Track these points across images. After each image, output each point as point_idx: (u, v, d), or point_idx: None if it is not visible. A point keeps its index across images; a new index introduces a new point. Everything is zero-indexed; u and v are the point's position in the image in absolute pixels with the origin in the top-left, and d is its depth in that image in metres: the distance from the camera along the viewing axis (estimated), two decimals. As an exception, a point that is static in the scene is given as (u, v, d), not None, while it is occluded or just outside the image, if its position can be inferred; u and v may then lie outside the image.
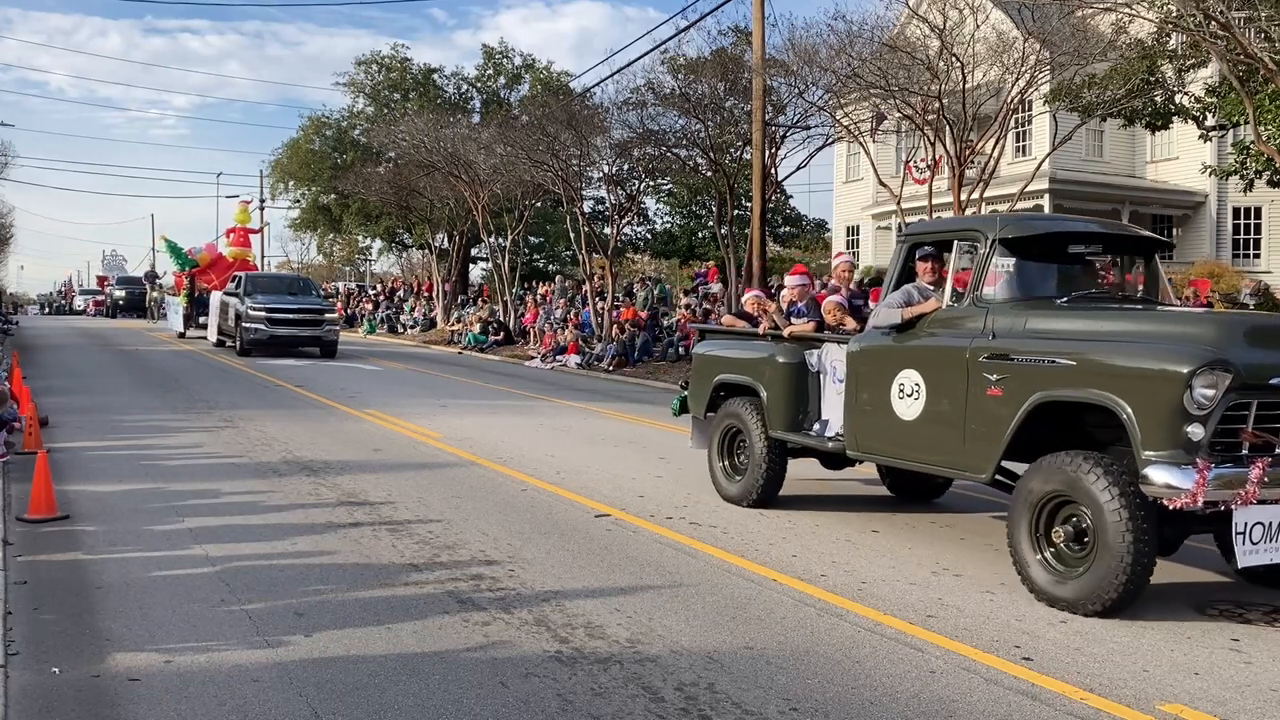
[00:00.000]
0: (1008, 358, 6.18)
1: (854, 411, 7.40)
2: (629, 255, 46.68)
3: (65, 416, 12.62)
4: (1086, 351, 5.82)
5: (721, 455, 8.86)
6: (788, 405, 8.10)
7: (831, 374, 7.86)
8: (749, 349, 8.69)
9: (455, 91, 46.32)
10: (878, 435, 7.20)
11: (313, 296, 26.79)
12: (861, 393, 7.32)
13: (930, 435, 6.73)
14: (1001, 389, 6.18)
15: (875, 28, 18.28)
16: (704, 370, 9.19)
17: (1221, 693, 4.69)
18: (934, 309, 6.94)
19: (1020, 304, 6.58)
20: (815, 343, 8.14)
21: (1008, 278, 6.71)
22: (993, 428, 6.23)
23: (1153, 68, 16.77)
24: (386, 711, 4.28)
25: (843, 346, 7.66)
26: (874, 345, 7.29)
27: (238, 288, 25.55)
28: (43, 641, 5.00)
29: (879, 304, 7.51)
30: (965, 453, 6.46)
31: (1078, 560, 5.80)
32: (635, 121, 24.24)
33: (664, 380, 21.49)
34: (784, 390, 8.14)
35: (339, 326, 26.71)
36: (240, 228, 34.76)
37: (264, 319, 23.67)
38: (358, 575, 6.22)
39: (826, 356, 7.97)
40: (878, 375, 7.14)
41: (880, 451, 7.35)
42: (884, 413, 7.05)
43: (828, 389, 7.93)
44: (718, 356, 9.06)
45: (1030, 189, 22.19)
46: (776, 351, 8.31)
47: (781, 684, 4.66)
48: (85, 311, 58.30)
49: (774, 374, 8.23)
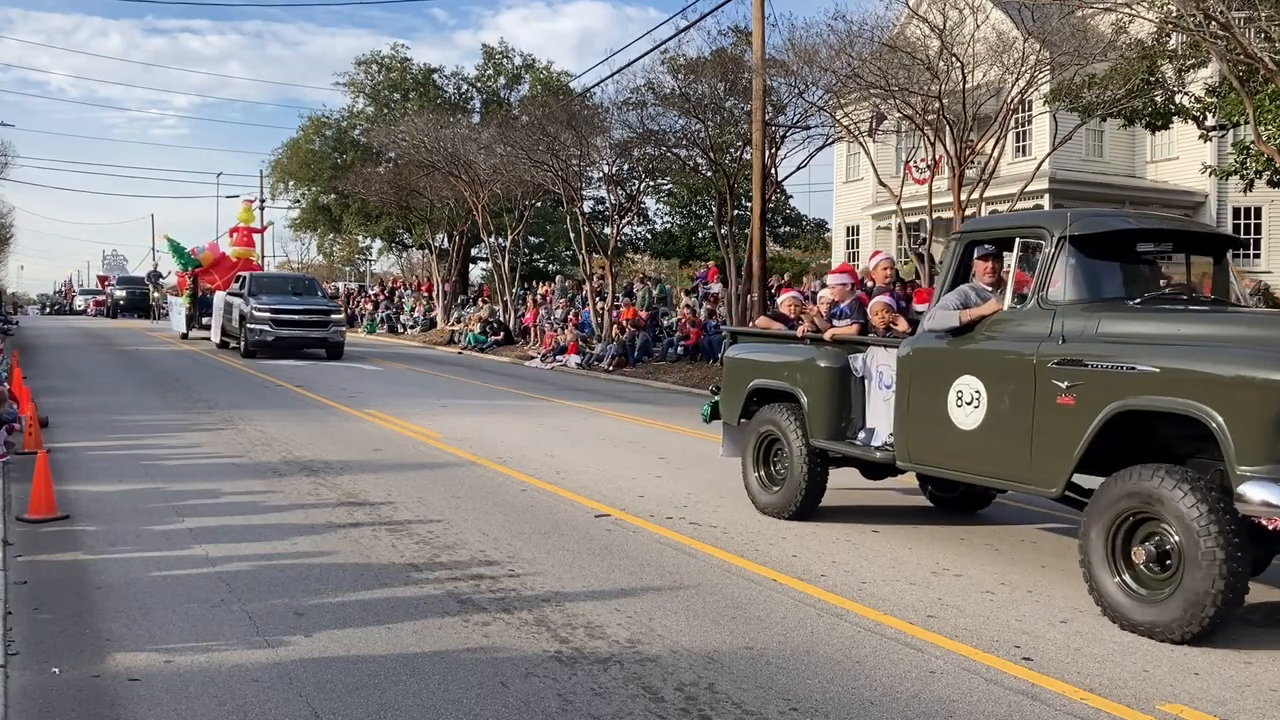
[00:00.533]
0: (1080, 364, 5.79)
1: (905, 420, 6.97)
2: (629, 255, 46.68)
3: (65, 416, 12.62)
4: (1171, 357, 5.41)
5: (757, 464, 8.41)
6: (830, 412, 7.67)
7: (877, 379, 7.47)
8: (787, 352, 8.26)
9: (455, 91, 46.32)
10: (932, 445, 6.78)
11: (318, 297, 26.39)
12: (914, 400, 6.89)
13: (992, 446, 6.33)
14: (1073, 397, 5.79)
15: (875, 28, 18.28)
16: (737, 375, 8.73)
17: (1221, 693, 4.69)
18: (994, 311, 6.52)
19: (1091, 306, 6.13)
20: (859, 346, 7.71)
21: (1075, 278, 6.26)
22: (1063, 439, 5.84)
23: (1153, 68, 16.76)
24: (386, 711, 4.28)
25: (891, 350, 7.27)
26: (928, 349, 6.86)
27: (242, 288, 25.15)
28: (43, 641, 5.00)
29: (932, 306, 7.05)
30: (1032, 466, 6.05)
31: (1160, 583, 5.40)
32: (635, 121, 24.24)
33: (664, 380, 21.49)
34: (826, 396, 7.69)
35: (345, 328, 26.25)
36: (244, 227, 34.25)
37: (269, 320, 23.28)
38: (358, 575, 6.22)
39: (872, 361, 7.56)
40: (933, 382, 6.73)
41: (935, 463, 6.88)
42: (940, 422, 6.63)
43: (873, 395, 7.53)
44: (753, 360, 8.61)
45: (1030, 189, 22.18)
46: (818, 355, 7.87)
47: (781, 684, 4.66)
48: (86, 311, 58.15)
49: (815, 379, 7.79)
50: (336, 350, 24.10)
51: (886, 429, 7.28)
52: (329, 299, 30.07)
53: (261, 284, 25.49)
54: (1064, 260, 6.27)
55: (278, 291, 25.03)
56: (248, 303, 23.86)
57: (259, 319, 23.31)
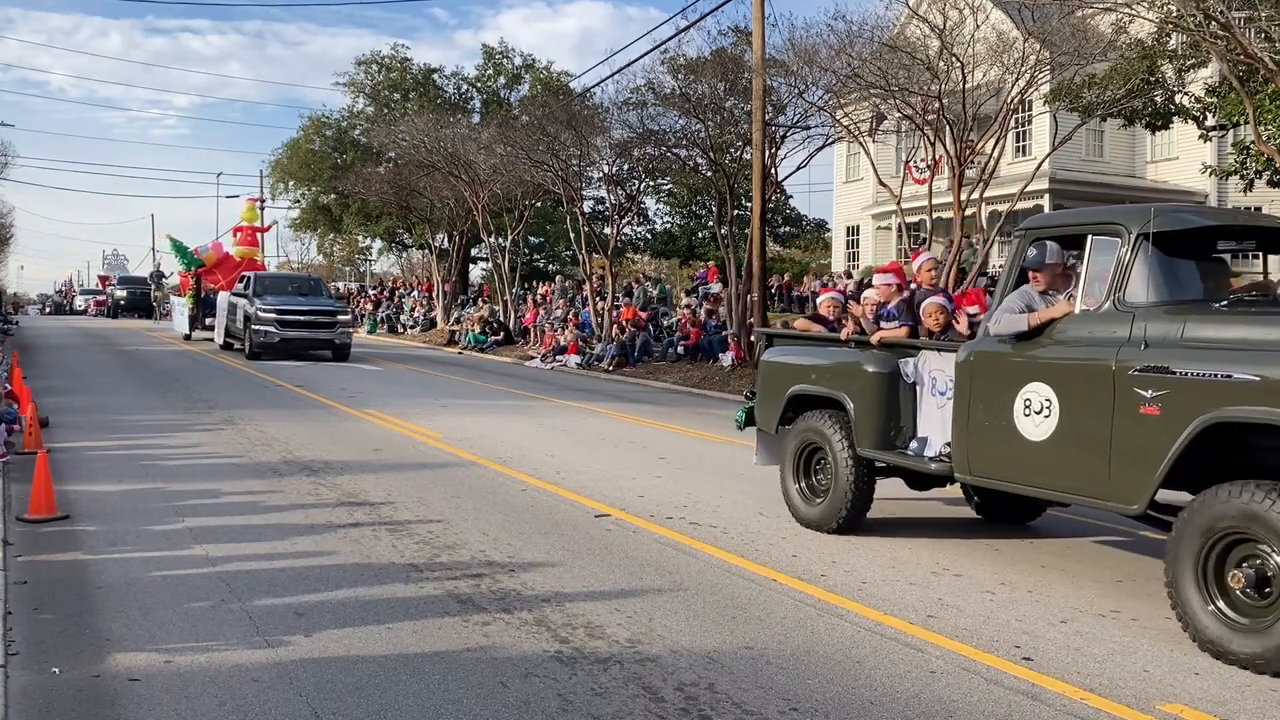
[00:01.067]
0: (1167, 371, 5.36)
1: (965, 429, 6.52)
2: (629, 255, 46.70)
3: (65, 416, 12.62)
4: (1272, 365, 5.00)
5: (798, 475, 7.96)
6: (879, 420, 7.22)
7: (930, 385, 7.05)
8: (830, 356, 7.83)
9: (455, 91, 46.36)
10: (997, 457, 6.33)
11: (324, 297, 26.00)
12: (976, 408, 6.44)
13: (1064, 459, 5.90)
14: (1159, 407, 5.38)
15: (875, 28, 18.26)
16: (775, 380, 8.26)
17: (1221, 693, 4.69)
18: (1065, 314, 6.10)
19: (1174, 308, 5.70)
20: (910, 350, 7.29)
21: (1155, 278, 5.84)
22: (1146, 452, 5.42)
23: (1153, 68, 16.76)
24: (386, 711, 4.28)
25: (946, 355, 6.88)
26: (992, 355, 6.42)
27: (246, 288, 24.67)
28: (43, 641, 5.00)
29: (995, 308, 6.58)
30: (1110, 480, 5.63)
31: (1261, 611, 5.00)
32: (635, 121, 24.23)
33: (664, 380, 21.50)
34: (875, 403, 7.24)
35: (352, 329, 25.67)
36: (248, 226, 33.83)
37: (274, 321, 22.82)
38: (358, 575, 6.22)
39: (925, 365, 7.12)
40: (997, 389, 6.30)
41: (999, 475, 6.40)
42: (1005, 432, 6.21)
43: (926, 402, 7.09)
44: (792, 365, 8.17)
45: (1030, 189, 22.19)
46: (865, 359, 7.44)
47: (781, 684, 4.66)
48: (86, 311, 57.98)
49: (862, 385, 7.34)
50: (343, 352, 23.72)
51: (941, 438, 6.89)
52: (335, 299, 29.71)
53: (266, 284, 25.04)
54: (1143, 259, 5.84)
55: (283, 292, 24.60)
56: (252, 303, 23.40)
57: (264, 320, 22.87)
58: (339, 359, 23.44)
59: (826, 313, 8.65)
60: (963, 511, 8.53)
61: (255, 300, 23.43)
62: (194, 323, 30.23)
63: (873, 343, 7.54)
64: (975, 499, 8.32)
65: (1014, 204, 19.79)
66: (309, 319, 23.34)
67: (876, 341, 7.51)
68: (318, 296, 25.45)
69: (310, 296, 24.95)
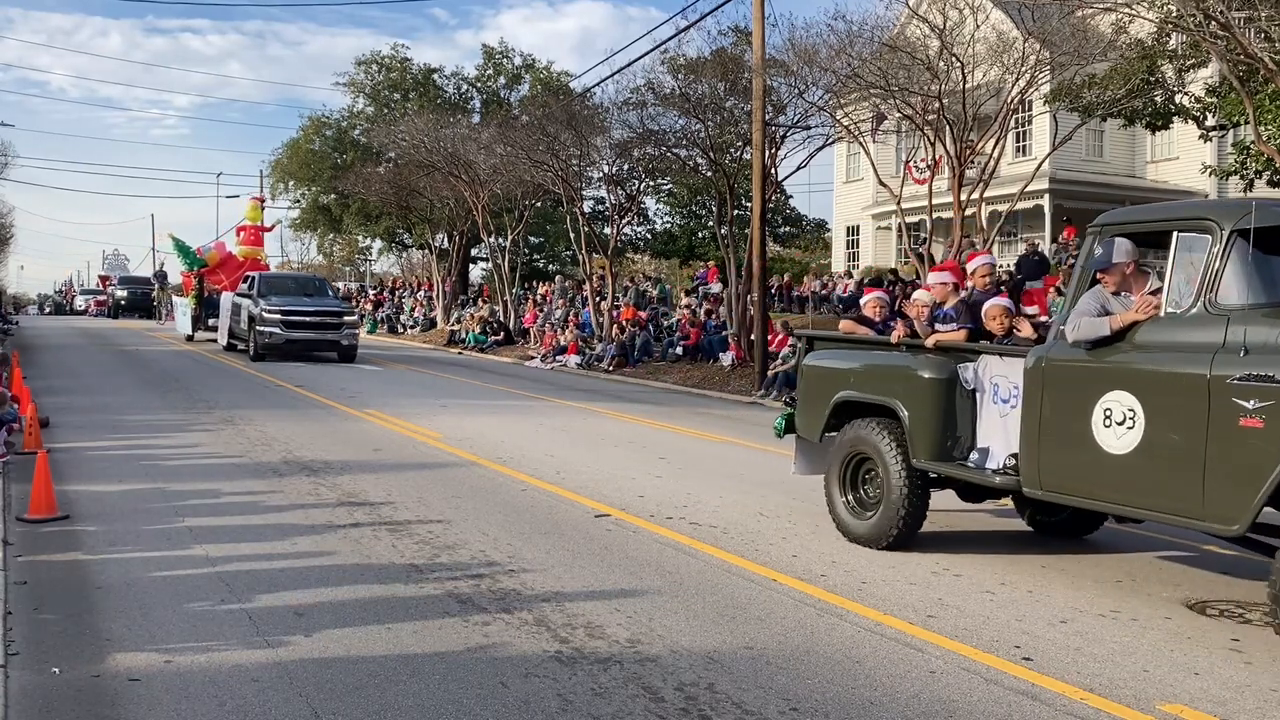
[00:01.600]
0: (1272, 380, 4.99)
1: (1036, 441, 6.11)
2: (629, 255, 46.71)
3: (65, 416, 12.62)
4: None
5: (844, 487, 7.49)
6: (937, 430, 6.77)
7: (992, 393, 6.62)
8: (881, 361, 7.41)
9: (455, 91, 46.37)
10: (1073, 472, 5.92)
11: (330, 298, 25.57)
12: (1048, 419, 6.04)
13: (1151, 475, 5.51)
14: (1263, 419, 4.99)
15: (875, 28, 18.28)
16: (819, 385, 7.78)
17: (1221, 693, 4.69)
18: (1150, 317, 5.70)
19: (1275, 311, 5.31)
20: (968, 355, 6.86)
21: (1253, 278, 5.44)
22: (1249, 469, 5.03)
23: (1153, 68, 16.77)
24: (386, 711, 4.28)
25: (1010, 360, 6.49)
26: (1067, 361, 6.00)
27: (250, 289, 24.17)
28: (43, 641, 5.00)
29: (1066, 311, 6.17)
30: (1205, 499, 5.25)
31: None
32: (635, 121, 24.25)
33: (664, 380, 21.50)
34: (932, 411, 6.79)
35: (359, 330, 25.09)
36: (251, 225, 32.76)
37: (279, 322, 22.38)
38: (358, 575, 6.22)
39: (986, 371, 6.68)
40: (1073, 398, 5.90)
41: (1074, 491, 5.99)
42: (1082, 445, 5.80)
43: (987, 410, 6.66)
44: (838, 370, 7.70)
45: (1030, 189, 22.19)
46: (920, 364, 6.99)
47: (781, 684, 4.66)
48: (87, 311, 57.76)
49: (918, 392, 6.87)
50: (349, 353, 23.34)
51: (1003, 449, 6.49)
52: (341, 300, 29.28)
53: (271, 284, 24.58)
54: (1238, 257, 5.44)
55: (288, 292, 24.13)
56: (257, 304, 22.96)
57: (269, 321, 22.43)
58: (345, 360, 23.05)
59: (872, 314, 8.18)
60: (962, 512, 8.52)
61: (260, 301, 22.99)
62: (197, 323, 29.80)
63: (928, 346, 7.10)
64: (1029, 511, 7.81)
65: (1014, 204, 19.80)
66: (315, 320, 22.95)
67: (932, 345, 7.07)
68: (323, 297, 25.03)
69: (316, 297, 24.55)
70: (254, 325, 22.78)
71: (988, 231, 19.42)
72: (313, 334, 22.89)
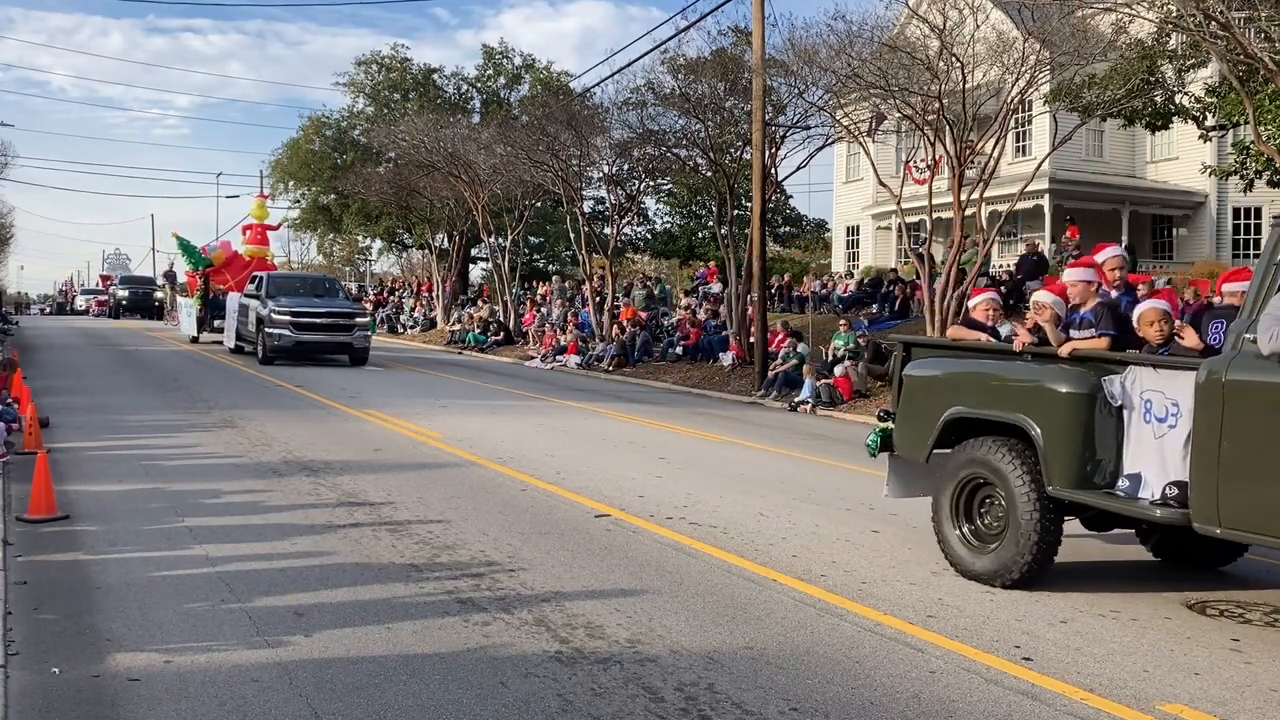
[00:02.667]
0: None
1: (1213, 470, 5.26)
2: (629, 255, 46.72)
3: (65, 416, 12.62)
4: None
5: (957, 517, 6.63)
6: (1076, 453, 5.95)
7: (1143, 410, 5.81)
8: (1002, 372, 6.60)
9: (455, 91, 46.40)
10: (1268, 509, 5.08)
11: (340, 298, 24.67)
12: (1230, 445, 5.21)
13: None
14: None
15: (875, 28, 18.27)
16: (926, 399, 6.95)
17: (1221, 693, 4.69)
18: None
19: None
20: (1113, 367, 6.05)
21: None
22: None
23: (1153, 68, 16.77)
24: (386, 711, 4.28)
25: (1167, 373, 5.72)
26: (1257, 377, 5.16)
27: (258, 289, 23.34)
28: (43, 641, 5.00)
29: (1253, 316, 5.36)
30: None
31: None
32: (635, 121, 24.26)
33: (664, 380, 21.50)
34: (1071, 431, 5.96)
35: (370, 332, 24.11)
36: (258, 224, 31.90)
37: (289, 324, 21.52)
38: (358, 575, 6.22)
39: (1134, 385, 5.86)
40: (1267, 421, 5.08)
41: (1272, 531, 5.12)
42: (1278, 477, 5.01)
43: (1137, 431, 5.85)
44: (948, 381, 6.87)
45: (1030, 189, 22.18)
46: (1054, 377, 6.14)
47: (781, 684, 4.66)
48: (88, 311, 57.39)
49: (1054, 408, 6.04)
50: (362, 356, 22.47)
51: (1159, 476, 5.71)
52: (352, 301, 28.63)
53: (280, 285, 23.78)
54: None
55: (298, 293, 23.36)
56: (265, 305, 22.13)
57: (278, 323, 21.60)
58: (356, 364, 22.24)
59: (984, 318, 7.42)
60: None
61: (268, 302, 22.21)
62: (202, 325, 28.97)
63: (1061, 356, 6.29)
64: (1156, 539, 7.08)
65: (1014, 204, 19.79)
66: (326, 321, 22.10)
67: (1068, 354, 6.26)
68: (334, 298, 24.23)
69: (326, 298, 23.74)
70: (262, 327, 22.04)
71: (988, 231, 19.42)
72: (323, 336, 22.10)
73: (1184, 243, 27.39)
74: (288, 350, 21.69)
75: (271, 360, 21.60)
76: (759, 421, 15.34)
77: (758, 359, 19.65)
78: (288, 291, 23.26)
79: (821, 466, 11.01)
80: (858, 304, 24.79)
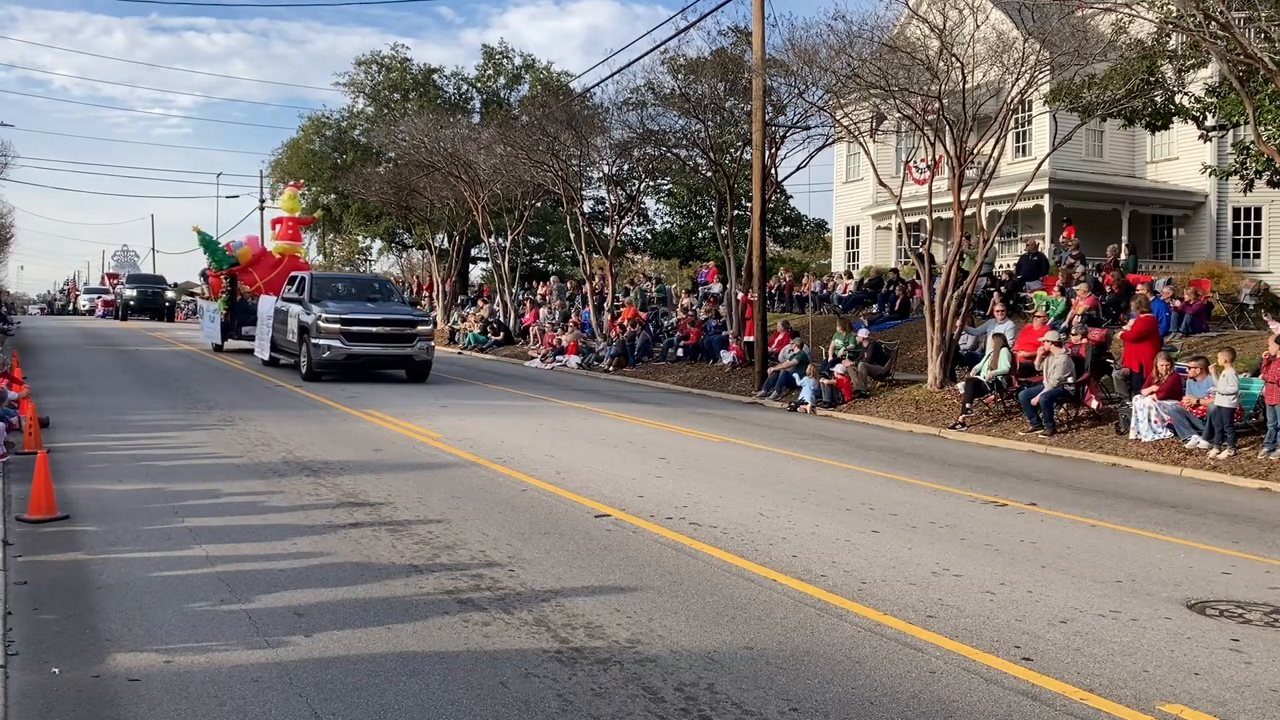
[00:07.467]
0: None
1: None
2: (629, 255, 46.73)
3: (66, 416, 12.61)
4: None
5: None
6: None
7: None
8: None
9: (455, 91, 46.45)
10: None
11: (396, 303, 21.23)
12: None
13: None
14: None
15: (875, 28, 18.26)
16: None
17: (1221, 693, 4.69)
18: None
19: None
20: None
21: None
22: None
23: (1153, 68, 16.77)
24: (386, 711, 4.28)
25: None
26: None
27: (299, 292, 20.21)
28: (43, 641, 5.00)
29: None
30: None
31: None
32: (635, 121, 24.30)
33: (664, 380, 21.50)
34: None
35: (432, 342, 20.13)
36: (289, 217, 28.17)
37: (339, 334, 18.20)
38: (358, 575, 6.22)
39: None
40: None
41: None
42: None
43: None
44: None
45: (1030, 189, 22.17)
46: None
47: (781, 684, 4.66)
48: (93, 311, 55.59)
49: None
50: (422, 371, 19.35)
51: None
52: (411, 305, 25.33)
53: (326, 288, 20.50)
54: None
55: (347, 297, 20.14)
56: (309, 311, 18.87)
57: (327, 332, 18.25)
58: (416, 380, 19.22)
59: None
60: (962, 512, 8.50)
61: (313, 307, 18.89)
62: (227, 331, 25.50)
63: None
64: None
65: (1014, 204, 19.78)
66: (382, 331, 18.68)
67: None
68: (389, 303, 20.66)
69: (380, 302, 20.34)
70: (307, 337, 18.73)
71: (988, 231, 19.42)
72: (380, 348, 18.73)
73: (1184, 243, 27.37)
74: (338, 364, 18.48)
75: (318, 376, 18.45)
76: (759, 421, 15.33)
77: (758, 359, 19.64)
78: (335, 295, 20.09)
79: (821, 466, 11.01)
80: (858, 304, 24.79)
